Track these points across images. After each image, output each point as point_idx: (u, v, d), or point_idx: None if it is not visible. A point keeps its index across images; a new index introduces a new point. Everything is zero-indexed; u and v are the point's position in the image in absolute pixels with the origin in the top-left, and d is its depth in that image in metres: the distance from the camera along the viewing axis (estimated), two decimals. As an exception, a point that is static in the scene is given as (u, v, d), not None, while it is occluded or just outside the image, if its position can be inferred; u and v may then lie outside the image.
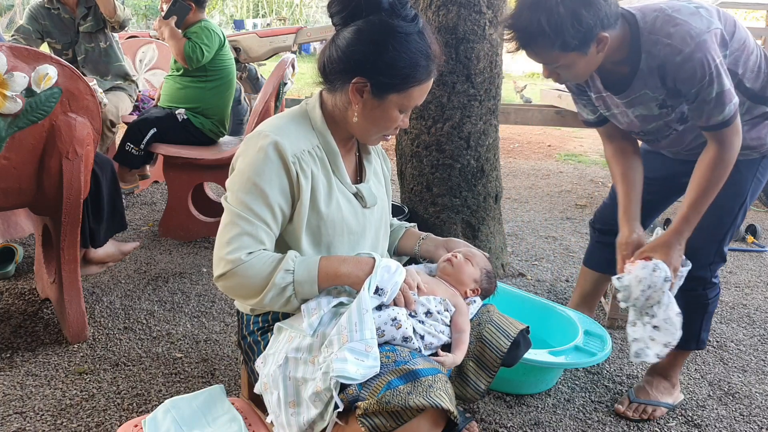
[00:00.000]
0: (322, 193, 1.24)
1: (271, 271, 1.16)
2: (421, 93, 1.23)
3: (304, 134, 1.25)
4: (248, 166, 1.19)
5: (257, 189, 1.17)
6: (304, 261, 1.19)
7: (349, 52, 1.19)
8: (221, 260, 1.17)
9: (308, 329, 1.13)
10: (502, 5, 2.60)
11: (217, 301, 2.46)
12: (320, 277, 1.17)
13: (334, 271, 1.19)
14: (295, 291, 1.16)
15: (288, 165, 1.18)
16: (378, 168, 1.43)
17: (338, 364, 1.04)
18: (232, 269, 1.15)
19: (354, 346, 1.07)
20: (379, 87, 1.19)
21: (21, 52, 1.75)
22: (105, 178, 2.12)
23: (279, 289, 1.15)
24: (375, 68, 1.18)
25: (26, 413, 1.70)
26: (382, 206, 1.39)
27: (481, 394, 1.32)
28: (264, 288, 1.15)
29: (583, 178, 5.33)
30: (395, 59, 1.17)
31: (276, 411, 1.14)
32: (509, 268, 2.94)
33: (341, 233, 1.26)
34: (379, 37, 1.17)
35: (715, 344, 2.33)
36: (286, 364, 1.13)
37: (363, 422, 1.02)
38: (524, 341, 1.36)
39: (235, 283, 1.17)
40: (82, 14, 3.49)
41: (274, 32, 5.58)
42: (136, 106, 3.91)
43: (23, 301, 2.37)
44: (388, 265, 1.20)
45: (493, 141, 2.73)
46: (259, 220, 1.17)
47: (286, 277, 1.15)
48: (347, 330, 1.09)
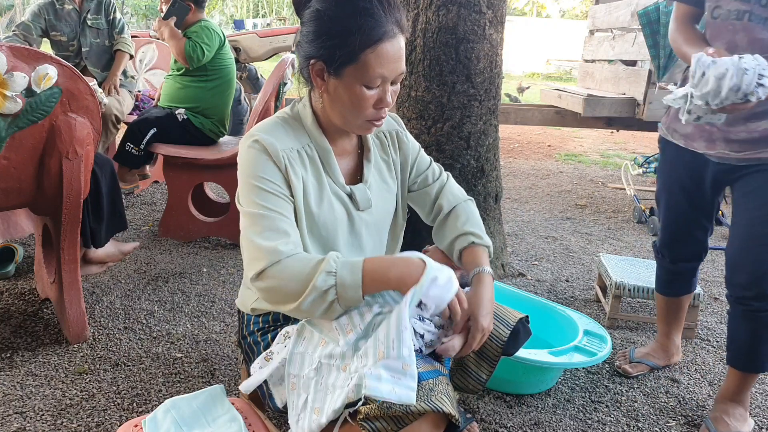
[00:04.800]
0: (313, 194, 1.21)
1: (310, 272, 1.07)
2: (382, 58, 1.10)
3: (294, 134, 1.22)
4: (245, 169, 1.19)
5: (259, 184, 1.16)
6: (348, 263, 1.09)
7: (303, 39, 1.17)
8: (256, 258, 1.10)
9: (345, 346, 1.07)
10: (502, 5, 2.60)
11: (217, 301, 2.46)
12: (365, 280, 1.07)
13: (382, 276, 1.08)
14: (338, 295, 1.06)
15: (277, 158, 1.16)
16: (384, 165, 1.36)
17: (372, 381, 0.97)
18: (272, 264, 1.08)
19: (390, 364, 1.00)
20: (331, 63, 1.12)
21: (21, 52, 1.75)
22: (104, 178, 2.12)
23: (320, 293, 1.06)
24: (321, 44, 1.12)
25: (26, 413, 1.70)
26: (385, 207, 1.34)
27: (483, 385, 1.30)
28: (303, 291, 1.06)
29: (583, 178, 5.33)
30: (332, 27, 1.10)
31: (299, 412, 1.10)
32: (509, 268, 2.94)
33: (335, 235, 1.23)
34: (317, 12, 1.13)
35: (715, 344, 2.33)
36: (320, 368, 1.09)
37: (364, 426, 1.02)
38: (524, 330, 1.32)
39: (273, 284, 1.08)
40: (88, 8, 3.60)
41: (274, 32, 5.57)
42: (137, 105, 3.92)
43: (23, 301, 2.37)
44: (437, 276, 1.08)
45: (493, 141, 2.73)
46: (274, 213, 1.14)
47: (328, 280, 1.06)
48: (384, 345, 1.02)
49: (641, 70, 4.45)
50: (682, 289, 2.03)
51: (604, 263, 2.60)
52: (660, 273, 2.05)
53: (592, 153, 6.68)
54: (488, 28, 2.55)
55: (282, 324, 1.27)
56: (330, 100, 1.18)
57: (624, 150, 7.00)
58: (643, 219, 3.93)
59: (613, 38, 4.99)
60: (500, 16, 2.60)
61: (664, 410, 1.89)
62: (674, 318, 2.08)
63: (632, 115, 4.49)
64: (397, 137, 1.39)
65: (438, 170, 1.45)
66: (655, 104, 4.29)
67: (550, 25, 22.27)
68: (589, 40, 5.53)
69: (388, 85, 1.15)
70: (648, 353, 2.11)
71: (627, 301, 2.67)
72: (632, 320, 2.49)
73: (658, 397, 1.95)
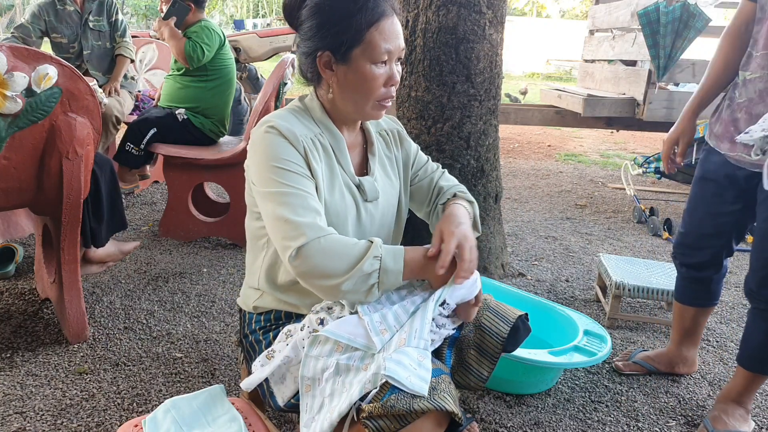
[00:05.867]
0: (326, 181, 1.22)
1: (358, 254, 1.10)
2: (385, 34, 1.16)
3: (306, 124, 1.24)
4: (263, 154, 1.17)
5: (282, 166, 1.15)
6: (391, 250, 1.14)
7: (304, 37, 1.20)
8: (295, 235, 1.09)
9: (378, 345, 1.09)
10: (502, 5, 2.60)
11: (217, 301, 2.46)
12: (406, 268, 1.13)
13: (420, 265, 1.14)
14: (380, 279, 1.11)
15: (296, 142, 1.17)
16: (387, 161, 1.39)
17: (391, 364, 1.00)
18: (314, 240, 1.08)
19: (410, 352, 1.04)
20: (338, 50, 1.16)
21: (21, 52, 1.75)
22: (104, 178, 2.12)
23: (365, 276, 1.10)
24: (325, 33, 1.16)
25: (26, 413, 1.70)
26: (389, 201, 1.36)
27: (484, 382, 1.30)
28: (347, 271, 1.09)
29: (583, 178, 5.33)
30: (333, 14, 1.15)
31: (314, 414, 1.10)
32: (509, 268, 2.94)
33: (344, 224, 1.24)
34: (316, 6, 1.17)
35: (715, 344, 2.33)
36: (337, 371, 1.09)
37: (367, 424, 1.02)
38: (523, 326, 1.33)
39: (316, 261, 1.09)
40: (89, 10, 3.56)
41: (274, 32, 5.57)
42: (137, 105, 3.92)
43: (23, 301, 2.37)
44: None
45: (493, 141, 2.73)
46: (302, 192, 1.14)
47: (374, 264, 1.10)
48: (407, 334, 1.07)
49: (641, 70, 4.45)
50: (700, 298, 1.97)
51: (604, 263, 2.60)
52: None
53: (592, 153, 6.68)
54: (488, 28, 2.55)
55: (284, 323, 1.28)
56: (340, 89, 1.21)
57: (624, 150, 7.00)
58: (643, 219, 3.93)
59: (613, 38, 4.99)
60: (500, 16, 2.60)
61: (664, 410, 1.89)
62: (681, 327, 2.04)
63: (632, 115, 4.49)
64: (398, 135, 1.44)
65: (435, 164, 1.51)
66: (655, 104, 4.30)
67: (550, 25, 22.26)
68: (589, 40, 5.54)
69: (393, 62, 1.20)
70: (650, 357, 2.10)
71: (627, 301, 2.67)
72: (632, 320, 2.49)
73: (658, 397, 1.95)
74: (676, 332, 2.06)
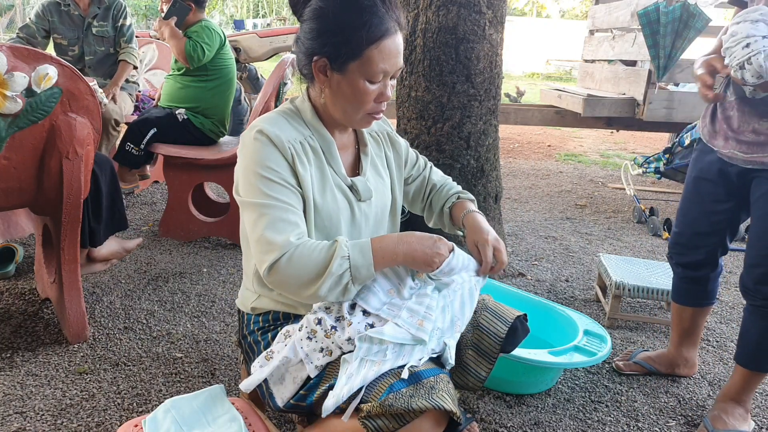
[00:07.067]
0: (317, 185, 1.22)
1: (324, 258, 1.12)
2: (384, 54, 1.15)
3: (296, 127, 1.24)
4: (250, 159, 1.18)
5: (266, 174, 1.16)
6: (357, 245, 1.15)
7: (304, 36, 1.19)
8: (267, 251, 1.11)
9: (425, 336, 1.15)
10: (502, 5, 2.61)
11: (217, 301, 2.46)
12: (376, 259, 1.15)
13: (390, 253, 1.16)
14: (353, 277, 1.13)
15: (283, 149, 1.17)
16: (378, 161, 1.40)
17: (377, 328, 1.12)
18: (283, 255, 1.10)
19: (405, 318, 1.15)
20: (335, 59, 1.15)
21: (21, 52, 1.75)
22: (104, 178, 2.13)
23: (336, 278, 1.11)
24: (325, 41, 1.15)
25: (26, 413, 1.70)
26: (383, 200, 1.37)
27: (483, 382, 1.31)
28: (320, 277, 1.11)
29: (583, 178, 5.34)
30: (337, 24, 1.14)
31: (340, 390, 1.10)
32: (509, 268, 2.94)
33: (337, 225, 1.25)
34: (320, 10, 1.16)
35: (715, 344, 2.33)
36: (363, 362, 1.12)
37: (365, 424, 1.02)
38: (522, 327, 1.34)
39: (287, 275, 1.11)
40: (93, 14, 3.53)
41: (274, 32, 5.58)
42: (137, 106, 3.92)
43: (23, 301, 2.37)
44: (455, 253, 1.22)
45: (493, 141, 2.73)
46: (283, 203, 1.15)
47: (342, 264, 1.12)
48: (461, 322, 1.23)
49: (641, 70, 4.45)
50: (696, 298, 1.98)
51: (604, 263, 2.60)
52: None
53: (592, 153, 6.68)
54: (488, 28, 2.55)
55: (282, 323, 1.28)
56: (332, 95, 1.20)
57: (624, 150, 7.00)
58: (643, 219, 3.93)
59: (613, 38, 4.99)
60: (500, 16, 2.60)
61: (664, 410, 1.89)
62: (680, 327, 2.04)
63: (632, 115, 4.49)
64: (389, 136, 1.45)
65: (423, 159, 1.55)
66: (655, 104, 4.29)
67: (550, 25, 22.25)
68: (589, 40, 5.53)
69: (388, 79, 1.20)
70: (650, 357, 2.09)
71: (627, 301, 2.67)
72: (632, 320, 2.49)
73: (658, 397, 1.95)
74: (676, 333, 2.06)
